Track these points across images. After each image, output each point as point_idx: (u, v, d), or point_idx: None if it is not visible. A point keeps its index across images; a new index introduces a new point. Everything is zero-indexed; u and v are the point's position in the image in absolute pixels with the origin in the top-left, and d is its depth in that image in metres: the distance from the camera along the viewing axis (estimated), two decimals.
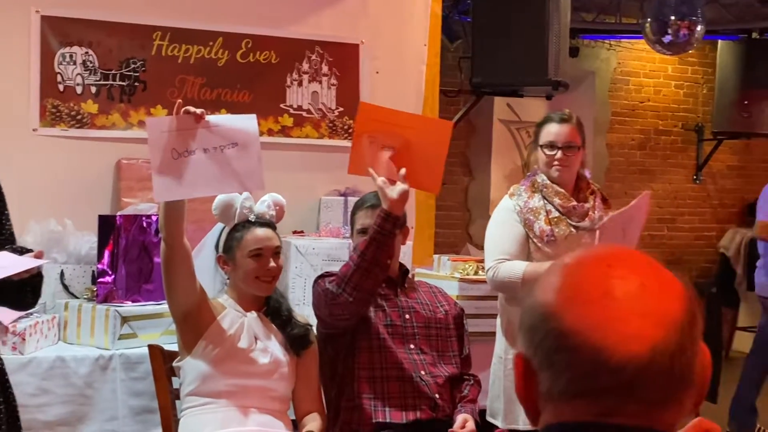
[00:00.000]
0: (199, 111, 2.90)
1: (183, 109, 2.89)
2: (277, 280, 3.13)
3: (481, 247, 6.29)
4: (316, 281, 3.20)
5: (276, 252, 3.09)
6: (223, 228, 3.15)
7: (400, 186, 3.03)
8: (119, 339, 3.47)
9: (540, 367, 1.06)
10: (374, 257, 2.99)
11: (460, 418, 3.16)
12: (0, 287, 2.52)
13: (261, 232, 3.08)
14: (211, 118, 2.96)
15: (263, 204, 3.15)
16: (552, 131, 3.54)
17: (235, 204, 3.10)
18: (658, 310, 1.02)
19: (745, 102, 7.65)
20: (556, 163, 3.53)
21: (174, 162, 2.86)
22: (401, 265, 3.37)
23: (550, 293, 1.07)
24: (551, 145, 3.53)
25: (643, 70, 8.20)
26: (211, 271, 3.27)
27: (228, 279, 3.16)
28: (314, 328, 3.22)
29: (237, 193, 3.10)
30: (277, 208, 3.20)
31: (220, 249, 3.13)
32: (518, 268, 3.42)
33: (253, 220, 3.10)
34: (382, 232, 3.00)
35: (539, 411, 1.09)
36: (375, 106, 3.31)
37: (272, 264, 3.06)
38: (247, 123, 3.00)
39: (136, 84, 4.21)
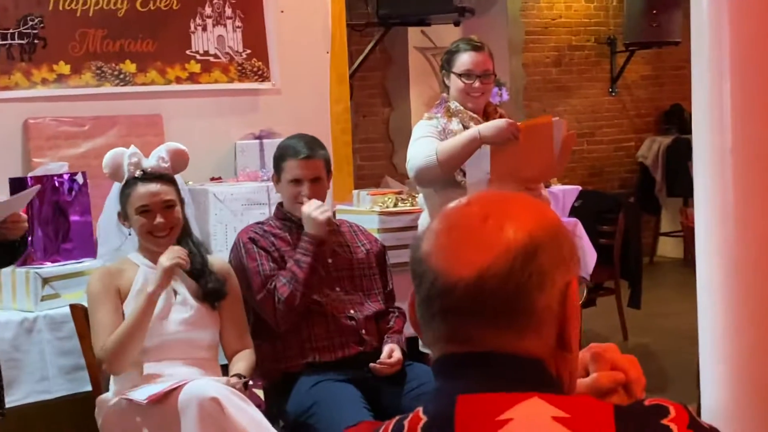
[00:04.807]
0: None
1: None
2: (175, 232, 3.11)
3: (401, 179, 6.35)
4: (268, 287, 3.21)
5: (167, 205, 3.08)
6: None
7: (327, 213, 3.19)
8: (42, 300, 3.44)
9: (415, 295, 1.16)
10: (311, 279, 3.17)
11: (386, 348, 3.26)
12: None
13: (147, 187, 3.06)
14: None
15: (153, 157, 3.13)
16: (468, 60, 3.56)
17: (123, 161, 3.09)
18: (492, 240, 1.10)
19: (654, 11, 7.75)
20: (474, 91, 3.57)
21: None
22: None
23: (424, 229, 1.18)
24: (468, 74, 3.55)
25: None
26: (114, 229, 3.27)
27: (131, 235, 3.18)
28: (232, 276, 3.24)
29: (124, 148, 3.12)
30: (174, 157, 3.18)
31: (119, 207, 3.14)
32: (431, 147, 3.44)
33: (139, 176, 3.09)
34: (317, 258, 3.18)
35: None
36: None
37: (159, 219, 3.05)
38: None
39: (35, 41, 4.11)
